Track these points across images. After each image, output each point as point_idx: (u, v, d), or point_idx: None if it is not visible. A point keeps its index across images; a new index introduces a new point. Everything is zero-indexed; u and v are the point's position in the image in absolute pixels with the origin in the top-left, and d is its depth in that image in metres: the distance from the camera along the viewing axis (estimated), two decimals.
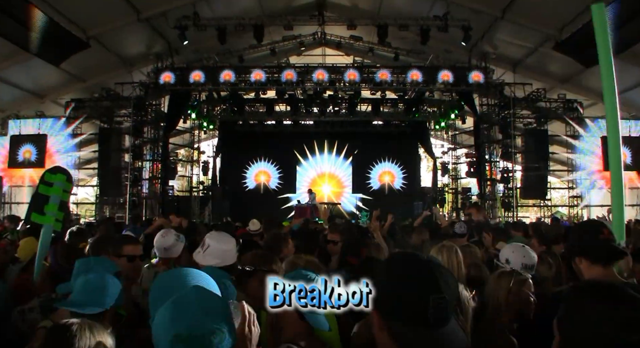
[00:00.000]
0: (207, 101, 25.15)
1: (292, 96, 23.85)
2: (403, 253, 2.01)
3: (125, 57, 20.66)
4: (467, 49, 20.52)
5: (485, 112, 22.05)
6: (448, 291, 1.57)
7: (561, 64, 19.72)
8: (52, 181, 5.29)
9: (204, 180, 26.38)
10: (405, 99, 24.34)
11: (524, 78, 21.11)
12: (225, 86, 21.24)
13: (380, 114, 25.45)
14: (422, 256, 1.70)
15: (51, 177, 5.34)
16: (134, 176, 20.71)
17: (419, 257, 1.68)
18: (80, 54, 17.58)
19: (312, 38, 22.43)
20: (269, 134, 27.75)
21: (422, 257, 1.68)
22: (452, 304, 1.59)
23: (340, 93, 23.58)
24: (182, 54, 21.53)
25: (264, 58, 22.98)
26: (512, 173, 21.14)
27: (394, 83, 20.92)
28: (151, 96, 21.47)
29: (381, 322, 1.62)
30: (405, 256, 1.75)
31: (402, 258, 1.76)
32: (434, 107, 25.78)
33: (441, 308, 1.53)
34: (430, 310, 1.51)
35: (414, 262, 1.66)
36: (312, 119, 26.78)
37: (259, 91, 22.90)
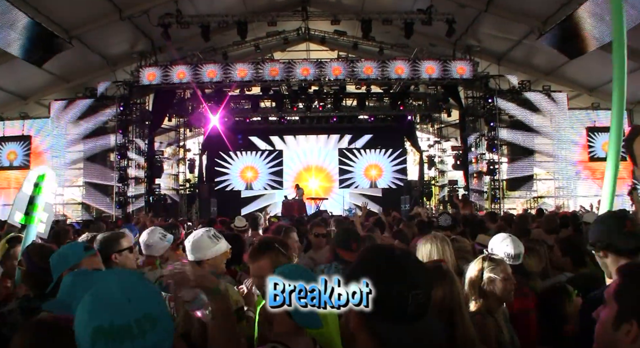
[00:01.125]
0: (191, 99, 25.08)
1: (277, 91, 23.85)
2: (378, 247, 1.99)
3: (108, 57, 20.50)
4: (452, 42, 20.57)
5: (470, 105, 22.20)
6: (425, 286, 1.58)
7: (545, 56, 19.80)
8: (37, 181, 5.21)
9: (190, 178, 26.57)
10: (390, 93, 24.16)
11: (508, 71, 21.18)
12: (210, 83, 21.13)
13: (366, 109, 25.49)
14: (397, 250, 1.69)
15: (37, 177, 5.25)
16: (120, 175, 20.69)
17: (395, 252, 1.67)
18: (63, 55, 17.45)
19: (296, 34, 22.40)
20: (255, 130, 27.91)
21: (397, 252, 1.67)
22: (430, 298, 1.61)
23: (325, 88, 23.40)
24: (166, 52, 21.39)
25: (248, 55, 22.90)
26: (498, 165, 21.22)
27: (379, 77, 20.90)
28: (135, 94, 21.45)
29: (360, 320, 1.63)
30: (381, 252, 1.74)
31: (379, 254, 1.74)
32: (419, 101, 25.85)
33: (421, 304, 1.54)
34: (411, 307, 1.52)
35: (389, 258, 1.64)
36: (298, 115, 26.82)
37: (244, 88, 22.86)
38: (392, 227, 8.61)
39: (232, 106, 25.70)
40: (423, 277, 1.60)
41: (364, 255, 1.84)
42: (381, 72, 20.68)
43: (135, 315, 1.37)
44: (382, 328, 1.57)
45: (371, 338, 1.60)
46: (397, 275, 1.57)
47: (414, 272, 1.59)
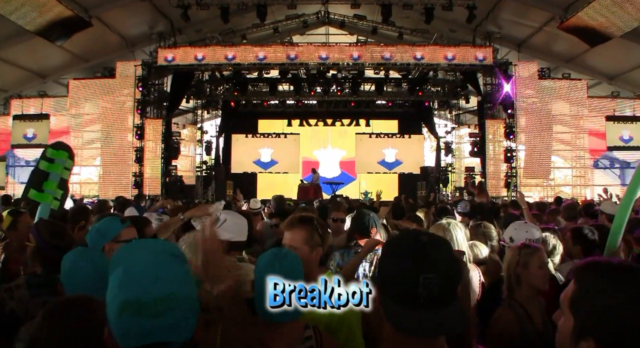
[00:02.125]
0: (210, 81, 25.14)
1: (295, 75, 23.70)
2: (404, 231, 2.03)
3: (127, 37, 20.63)
4: (472, 28, 20.46)
5: (489, 92, 21.91)
6: (444, 271, 1.53)
7: (566, 44, 19.54)
8: (54, 157, 5.15)
9: (207, 160, 26.41)
10: (409, 78, 24.01)
11: (528, 57, 21.02)
12: (228, 65, 21.17)
13: (384, 94, 25.36)
14: (420, 234, 1.66)
15: (53, 153, 5.20)
16: (137, 156, 20.84)
17: (416, 235, 1.64)
18: (82, 34, 17.56)
19: (316, 17, 22.27)
20: (272, 113, 27.86)
21: (420, 236, 1.63)
22: (449, 285, 1.54)
23: (343, 72, 23.33)
24: (185, 34, 21.48)
25: (267, 38, 22.88)
26: (515, 152, 21.09)
27: (398, 62, 20.79)
28: (154, 75, 21.44)
29: (379, 298, 1.64)
30: (403, 235, 1.76)
31: (400, 236, 1.76)
32: (438, 87, 25.64)
33: (431, 288, 1.49)
34: (420, 290, 1.49)
35: (409, 240, 1.62)
36: (315, 99, 26.68)
37: (262, 71, 22.75)
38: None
39: (250, 89, 25.59)
40: (444, 263, 1.55)
41: (392, 239, 1.85)
42: (400, 57, 20.62)
43: (160, 293, 1.39)
44: (394, 312, 1.55)
45: (385, 318, 1.59)
46: (412, 256, 1.55)
47: (432, 256, 1.55)
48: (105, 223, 3.21)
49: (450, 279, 1.56)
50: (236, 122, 27.53)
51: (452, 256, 1.62)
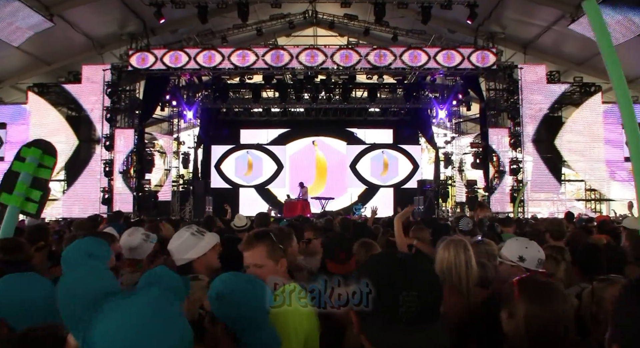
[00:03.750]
0: (187, 87, 24.85)
1: (281, 80, 23.60)
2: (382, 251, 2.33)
3: (94, 38, 20.37)
4: (473, 28, 20.47)
5: (492, 98, 21.79)
6: (423, 290, 1.56)
7: (577, 44, 19.55)
8: (25, 155, 5.11)
9: (184, 173, 26.16)
10: (404, 83, 23.91)
11: (535, 60, 20.89)
12: (207, 69, 20.86)
13: (377, 101, 25.16)
14: (399, 253, 1.71)
15: (25, 151, 5.17)
16: (106, 170, 20.51)
17: (395, 255, 1.70)
18: (43, 34, 17.27)
19: (303, 17, 22.32)
20: (256, 122, 27.64)
21: (398, 254, 1.69)
22: (431, 303, 1.59)
23: (333, 77, 23.19)
24: (159, 35, 21.39)
25: (249, 40, 22.53)
26: (522, 163, 20.97)
27: (392, 66, 20.63)
28: (125, 80, 21.15)
29: (358, 322, 1.66)
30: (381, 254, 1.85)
31: (379, 256, 1.83)
32: (436, 93, 25.25)
33: (413, 309, 1.53)
34: (401, 309, 1.52)
35: (388, 259, 1.68)
36: (303, 106, 26.53)
37: (244, 76, 22.58)
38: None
39: (232, 96, 25.35)
40: (422, 281, 1.58)
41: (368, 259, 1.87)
42: (395, 60, 20.43)
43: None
44: (374, 331, 1.60)
45: (367, 342, 1.63)
46: (390, 274, 1.59)
47: (409, 274, 1.58)
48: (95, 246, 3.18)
49: (430, 295, 1.60)
50: (216, 132, 27.26)
51: (433, 273, 1.70)
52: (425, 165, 29.10)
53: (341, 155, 28.05)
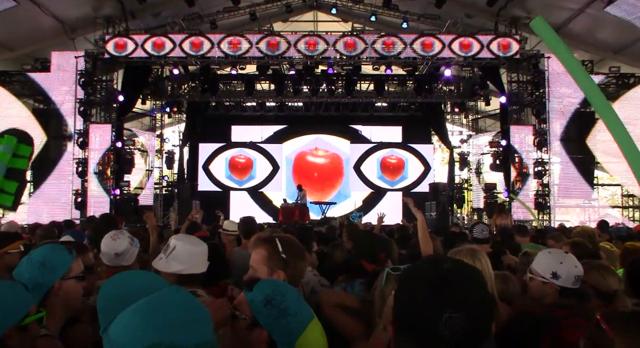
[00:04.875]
0: (171, 78, 24.45)
1: (277, 71, 23.26)
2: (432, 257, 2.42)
3: (65, 21, 20.00)
4: (493, 13, 20.32)
5: (515, 91, 21.52)
6: (472, 311, 1.47)
7: (614, 30, 19.40)
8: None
9: (167, 175, 26.06)
10: (415, 75, 23.24)
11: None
12: (194, 58, 20.74)
13: (385, 94, 24.75)
14: (444, 260, 1.64)
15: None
16: (79, 170, 20.18)
17: (438, 262, 1.62)
18: (5, 15, 17.27)
19: (302, 0, 22.69)
20: (249, 118, 27.47)
21: (443, 262, 1.61)
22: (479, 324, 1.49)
23: (335, 68, 22.76)
24: (140, 19, 21.22)
25: (242, 25, 22.48)
26: (548, 165, 20.68)
27: (402, 55, 20.37)
28: (100, 69, 20.92)
29: (394, 337, 1.63)
30: (423, 261, 1.78)
31: (420, 262, 1.76)
32: (451, 86, 25.17)
33: (457, 331, 1.43)
34: (444, 330, 1.44)
35: (429, 267, 1.63)
36: (302, 100, 26.20)
37: (236, 65, 22.24)
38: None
39: (222, 88, 25.02)
40: (473, 300, 1.48)
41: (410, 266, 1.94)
42: (405, 49, 20.21)
43: (196, 339, 1.46)
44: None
45: None
46: (436, 290, 1.50)
47: (457, 290, 1.49)
48: (53, 254, 3.06)
49: (481, 316, 1.51)
50: (204, 128, 27.16)
51: (483, 288, 1.60)
52: (438, 167, 29.38)
53: (344, 155, 27.87)
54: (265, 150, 27.60)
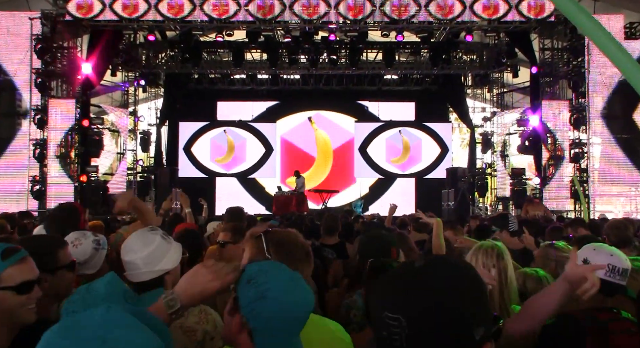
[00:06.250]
0: (147, 45, 24.20)
1: (270, 38, 23.01)
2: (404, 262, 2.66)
3: None
4: None
5: (548, 61, 21.03)
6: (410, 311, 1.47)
7: None
8: None
9: (143, 158, 25.82)
10: (431, 42, 22.99)
11: (610, 8, 20.30)
12: (173, 22, 20.21)
13: (396, 65, 24.26)
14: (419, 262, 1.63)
15: None
16: (37, 153, 19.86)
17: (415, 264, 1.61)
18: None
19: None
20: (237, 92, 26.99)
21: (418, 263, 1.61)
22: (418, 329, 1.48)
23: (338, 35, 22.48)
24: None
25: None
26: (587, 147, 20.31)
27: (415, 19, 19.98)
28: (61, 34, 20.37)
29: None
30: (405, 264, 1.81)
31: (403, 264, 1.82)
32: (473, 55, 24.73)
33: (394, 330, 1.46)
34: (383, 333, 1.49)
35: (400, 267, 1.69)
36: (299, 72, 25.76)
37: (223, 31, 21.84)
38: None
39: (206, 58, 24.67)
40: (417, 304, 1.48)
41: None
42: (419, 12, 19.75)
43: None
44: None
45: None
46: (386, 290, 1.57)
47: (403, 292, 1.51)
48: None
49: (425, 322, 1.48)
50: (185, 105, 26.49)
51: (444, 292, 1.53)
52: (457, 149, 29.49)
53: (348, 135, 27.29)
54: (256, 130, 27.03)
